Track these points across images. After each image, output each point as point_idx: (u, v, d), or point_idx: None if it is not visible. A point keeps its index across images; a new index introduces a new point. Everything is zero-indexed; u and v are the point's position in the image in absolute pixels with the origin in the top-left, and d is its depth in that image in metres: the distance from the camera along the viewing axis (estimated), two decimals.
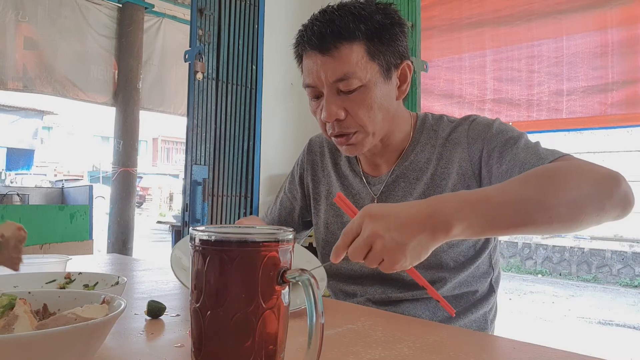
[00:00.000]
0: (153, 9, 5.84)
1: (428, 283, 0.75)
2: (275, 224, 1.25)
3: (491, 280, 1.07)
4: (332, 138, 0.99)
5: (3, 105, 12.85)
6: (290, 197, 1.24)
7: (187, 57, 2.61)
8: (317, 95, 0.97)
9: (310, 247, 1.08)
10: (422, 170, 1.02)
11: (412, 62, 1.00)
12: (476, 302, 1.04)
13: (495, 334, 1.08)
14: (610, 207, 0.74)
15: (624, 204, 0.75)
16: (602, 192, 0.74)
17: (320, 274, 0.99)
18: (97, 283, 0.76)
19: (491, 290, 1.07)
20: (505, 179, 0.89)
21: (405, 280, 1.01)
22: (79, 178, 17.88)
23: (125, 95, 5.62)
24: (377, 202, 1.06)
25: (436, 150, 1.02)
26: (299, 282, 0.46)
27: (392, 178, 1.05)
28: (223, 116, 2.70)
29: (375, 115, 0.95)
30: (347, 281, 1.09)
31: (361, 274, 1.06)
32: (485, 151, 0.95)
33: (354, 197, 1.10)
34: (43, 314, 0.57)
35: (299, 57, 0.99)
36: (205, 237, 0.47)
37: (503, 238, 8.70)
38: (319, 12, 0.95)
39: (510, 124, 2.59)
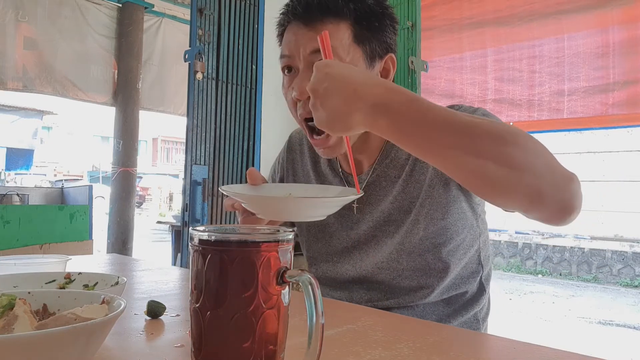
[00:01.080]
0: (153, 9, 5.85)
1: (351, 154, 0.79)
2: None
3: (481, 278, 1.03)
4: (303, 124, 0.93)
5: (3, 105, 12.86)
6: None
7: (187, 57, 2.61)
8: (291, 68, 0.92)
9: (296, 247, 1.06)
10: (402, 167, 0.97)
11: (395, 57, 0.95)
12: (466, 303, 1.01)
13: (494, 334, 1.08)
14: (548, 199, 0.66)
15: (563, 205, 0.67)
16: (547, 177, 0.65)
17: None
18: (97, 283, 0.76)
19: (482, 289, 1.03)
20: None
21: (391, 287, 0.99)
22: (79, 178, 17.89)
23: (125, 95, 5.62)
24: (356, 206, 1.01)
25: None
26: (299, 282, 0.46)
27: (372, 177, 1.00)
28: (223, 116, 2.70)
29: None
30: (332, 286, 1.06)
31: (346, 279, 1.04)
32: None
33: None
34: (43, 314, 0.57)
35: (281, 33, 0.94)
36: (205, 237, 0.47)
37: (503, 238, 8.70)
38: None
39: (511, 123, 2.60)
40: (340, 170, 1.06)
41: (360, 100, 0.65)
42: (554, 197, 0.66)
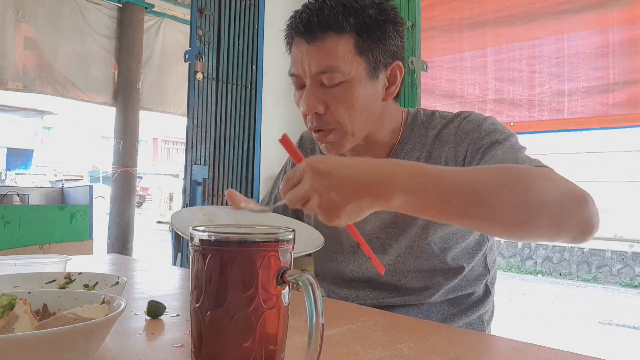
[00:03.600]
0: (153, 9, 5.85)
1: (362, 239, 0.73)
2: None
3: (487, 282, 1.04)
4: (312, 132, 0.95)
5: (3, 105, 12.85)
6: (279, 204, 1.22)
7: (187, 57, 2.61)
8: (301, 85, 0.93)
9: None
10: None
11: (403, 64, 0.95)
12: (472, 305, 1.01)
13: (493, 334, 1.08)
14: (568, 227, 0.70)
15: (583, 228, 0.71)
16: (563, 209, 0.69)
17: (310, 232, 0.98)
18: (97, 283, 0.76)
19: (487, 292, 1.04)
20: None
21: (397, 286, 0.99)
22: (79, 178, 17.89)
23: (125, 95, 5.62)
24: None
25: (426, 149, 0.98)
26: (299, 282, 0.46)
27: None
28: (223, 116, 2.70)
29: (356, 114, 0.90)
30: (339, 284, 1.07)
31: (352, 277, 1.04)
32: (469, 152, 0.91)
33: None
34: (43, 314, 0.57)
35: (289, 45, 0.96)
36: (205, 237, 0.47)
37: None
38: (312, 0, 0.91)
39: (512, 123, 2.60)
40: None
41: (375, 200, 0.65)
42: (573, 223, 0.70)
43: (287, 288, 0.48)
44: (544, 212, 0.68)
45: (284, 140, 0.72)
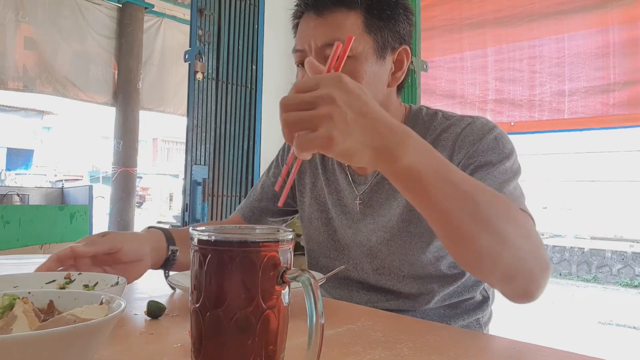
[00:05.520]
0: (153, 9, 5.86)
1: None
2: (254, 209, 1.17)
3: (484, 287, 1.02)
4: None
5: (3, 105, 12.86)
6: (274, 182, 1.17)
7: (187, 57, 2.61)
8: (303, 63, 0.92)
9: (297, 247, 1.07)
10: None
11: (411, 50, 0.94)
12: (469, 309, 1.00)
13: (493, 334, 1.07)
14: (520, 281, 0.68)
15: (530, 291, 0.69)
16: (526, 263, 0.68)
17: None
18: (97, 283, 0.76)
19: (485, 297, 1.03)
20: None
21: (392, 291, 0.98)
22: (79, 178, 17.88)
23: (125, 95, 5.63)
24: (359, 203, 1.01)
25: None
26: (299, 282, 0.46)
27: (377, 179, 0.99)
28: (223, 116, 2.70)
29: None
30: (333, 284, 1.06)
31: (346, 276, 1.03)
32: (462, 164, 0.88)
33: (338, 194, 1.05)
34: (47, 311, 0.57)
35: (295, 25, 0.95)
36: (205, 237, 0.47)
37: None
38: None
39: (512, 123, 2.60)
40: (347, 167, 1.05)
41: (383, 130, 0.59)
42: (522, 283, 0.69)
43: (287, 288, 0.48)
44: (512, 254, 0.66)
45: (346, 43, 0.65)
